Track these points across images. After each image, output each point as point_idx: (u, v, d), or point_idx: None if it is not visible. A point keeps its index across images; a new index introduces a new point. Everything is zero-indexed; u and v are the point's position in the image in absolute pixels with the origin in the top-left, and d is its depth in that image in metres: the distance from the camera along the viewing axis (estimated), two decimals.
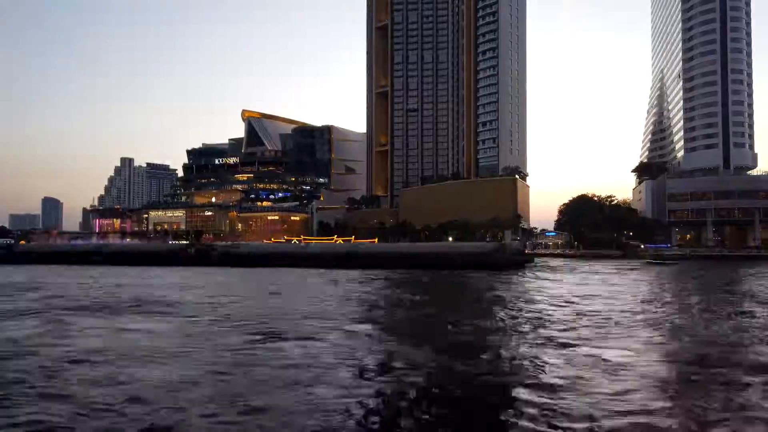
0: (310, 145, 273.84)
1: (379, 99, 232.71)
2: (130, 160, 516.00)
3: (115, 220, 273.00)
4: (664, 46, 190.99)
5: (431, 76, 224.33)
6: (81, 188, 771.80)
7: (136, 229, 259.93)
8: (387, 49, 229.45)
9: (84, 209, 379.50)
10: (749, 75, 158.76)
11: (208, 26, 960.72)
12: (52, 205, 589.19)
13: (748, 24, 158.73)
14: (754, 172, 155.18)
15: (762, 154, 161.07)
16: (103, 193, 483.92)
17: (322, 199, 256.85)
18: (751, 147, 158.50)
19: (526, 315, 31.37)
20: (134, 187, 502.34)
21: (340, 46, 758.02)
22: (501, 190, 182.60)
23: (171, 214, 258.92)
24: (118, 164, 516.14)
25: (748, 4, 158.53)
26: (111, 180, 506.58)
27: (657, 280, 60.56)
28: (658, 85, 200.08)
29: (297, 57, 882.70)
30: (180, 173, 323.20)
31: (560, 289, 49.01)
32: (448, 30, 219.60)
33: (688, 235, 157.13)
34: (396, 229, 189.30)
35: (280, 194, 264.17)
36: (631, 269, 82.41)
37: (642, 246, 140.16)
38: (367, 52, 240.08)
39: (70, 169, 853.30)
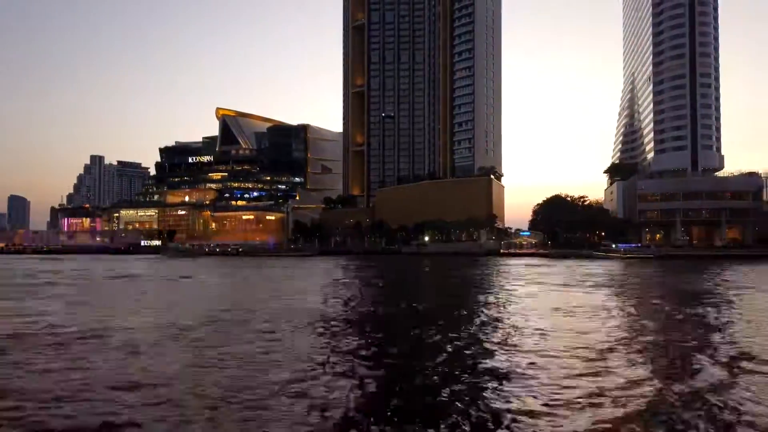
0: (286, 144, 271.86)
1: (356, 98, 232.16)
2: (100, 158, 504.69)
3: (84, 219, 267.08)
4: (635, 49, 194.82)
5: (408, 76, 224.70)
6: (49, 186, 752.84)
7: (106, 228, 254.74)
8: (364, 48, 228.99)
9: (52, 208, 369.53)
10: (716, 79, 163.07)
11: (181, 22, 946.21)
12: (18, 204, 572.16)
13: (716, 29, 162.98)
14: (720, 173, 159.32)
15: (728, 156, 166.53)
16: (72, 191, 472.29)
17: (298, 198, 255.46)
18: (718, 149, 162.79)
19: None
20: (104, 185, 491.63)
21: (316, 44, 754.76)
22: (476, 190, 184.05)
23: (142, 214, 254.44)
24: (88, 162, 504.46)
25: (715, 9, 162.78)
26: (80, 178, 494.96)
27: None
28: (630, 87, 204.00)
29: (272, 55, 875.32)
30: (152, 171, 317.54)
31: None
32: (425, 31, 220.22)
33: (658, 235, 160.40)
34: (373, 228, 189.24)
35: (255, 193, 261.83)
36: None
37: (614, 245, 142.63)
38: (344, 51, 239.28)
39: (38, 167, 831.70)
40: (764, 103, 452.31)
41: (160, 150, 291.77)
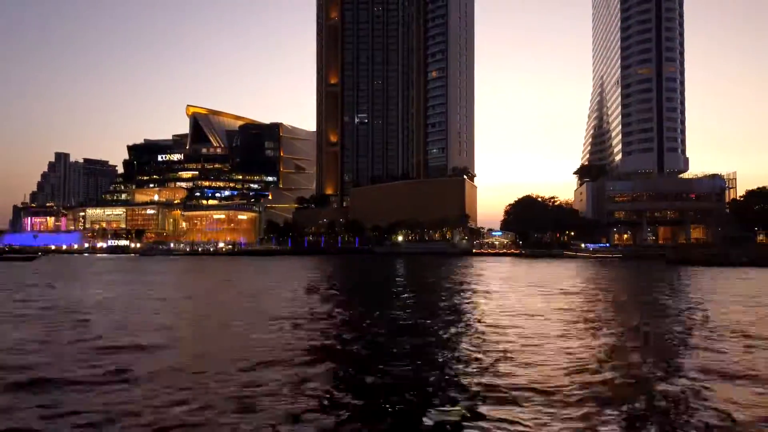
0: (259, 142, 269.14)
1: (330, 97, 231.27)
2: (66, 156, 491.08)
3: (49, 218, 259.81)
4: (604, 53, 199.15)
5: (381, 76, 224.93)
6: (11, 184, 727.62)
7: (72, 228, 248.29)
8: (338, 47, 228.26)
9: (15, 206, 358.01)
10: (682, 83, 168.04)
11: (151, 16, 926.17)
12: None
13: (681, 34, 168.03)
14: (685, 175, 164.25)
15: (692, 158, 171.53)
16: (35, 189, 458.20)
17: (270, 197, 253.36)
18: (683, 152, 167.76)
19: None
20: (70, 183, 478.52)
21: (289, 42, 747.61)
22: (449, 191, 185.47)
23: (110, 213, 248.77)
24: (53, 159, 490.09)
25: (681, 15, 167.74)
26: (44, 176, 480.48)
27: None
28: (599, 91, 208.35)
29: (245, 52, 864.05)
30: (120, 170, 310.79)
31: None
32: (399, 31, 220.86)
33: (626, 235, 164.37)
34: (347, 228, 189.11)
35: (227, 192, 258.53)
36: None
37: (583, 245, 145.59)
38: (317, 50, 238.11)
39: (0, 164, 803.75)
40: (727, 106, 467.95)
41: (129, 147, 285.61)
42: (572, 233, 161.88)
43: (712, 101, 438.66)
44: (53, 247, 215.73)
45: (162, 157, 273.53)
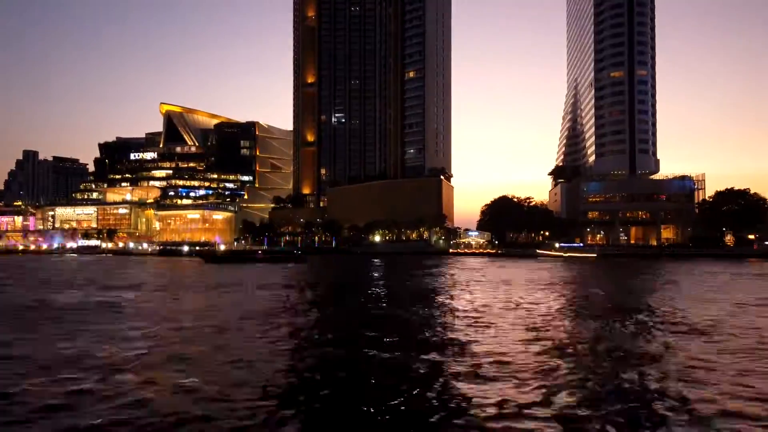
0: (234, 141, 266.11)
1: (306, 97, 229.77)
2: (34, 153, 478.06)
3: (16, 217, 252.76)
4: (578, 56, 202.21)
5: (359, 75, 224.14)
6: None
7: (41, 227, 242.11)
8: (315, 46, 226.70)
9: None
10: (653, 86, 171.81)
11: (124, 12, 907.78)
12: None
13: (653, 38, 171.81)
14: (656, 176, 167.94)
15: (663, 160, 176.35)
16: (2, 188, 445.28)
17: (246, 197, 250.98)
18: (654, 153, 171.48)
19: None
20: (39, 182, 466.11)
21: (266, 40, 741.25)
22: (426, 191, 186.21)
23: (80, 212, 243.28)
24: (20, 157, 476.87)
25: (653, 19, 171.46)
26: (12, 174, 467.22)
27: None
28: (573, 93, 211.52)
29: (221, 50, 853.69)
30: (91, 168, 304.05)
31: None
32: (376, 32, 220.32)
33: (599, 235, 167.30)
34: (324, 228, 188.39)
35: (202, 192, 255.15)
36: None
37: (557, 245, 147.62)
38: (294, 49, 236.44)
39: None
40: (696, 108, 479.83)
41: (100, 145, 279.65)
42: (547, 233, 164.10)
43: (682, 104, 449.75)
44: (21, 248, 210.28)
45: (135, 156, 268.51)
